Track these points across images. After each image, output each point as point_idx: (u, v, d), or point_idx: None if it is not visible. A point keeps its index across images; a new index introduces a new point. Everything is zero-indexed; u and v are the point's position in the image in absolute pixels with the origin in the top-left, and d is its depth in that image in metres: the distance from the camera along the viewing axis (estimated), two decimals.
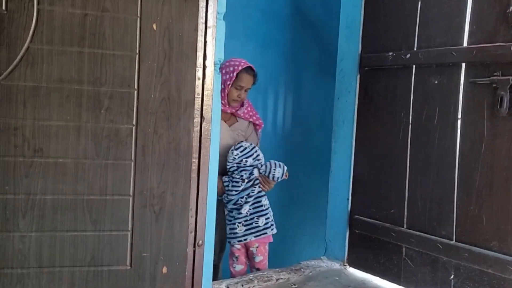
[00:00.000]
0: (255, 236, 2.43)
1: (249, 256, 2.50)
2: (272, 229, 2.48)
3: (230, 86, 2.47)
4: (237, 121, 2.65)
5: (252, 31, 3.31)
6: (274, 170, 2.44)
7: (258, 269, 2.47)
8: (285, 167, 2.49)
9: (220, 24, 1.92)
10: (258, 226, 2.44)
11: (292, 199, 3.35)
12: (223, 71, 2.50)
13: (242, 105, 2.63)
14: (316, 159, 3.10)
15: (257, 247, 2.46)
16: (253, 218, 2.44)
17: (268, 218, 2.48)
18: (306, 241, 3.31)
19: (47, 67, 1.67)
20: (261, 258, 2.47)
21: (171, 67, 1.78)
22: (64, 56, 1.68)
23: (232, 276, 2.47)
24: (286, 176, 2.52)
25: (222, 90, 2.48)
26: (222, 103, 2.50)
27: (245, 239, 2.44)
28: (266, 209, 2.49)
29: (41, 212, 1.70)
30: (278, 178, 2.46)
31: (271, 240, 2.52)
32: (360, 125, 2.54)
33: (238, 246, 2.48)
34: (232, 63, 2.50)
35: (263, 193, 2.51)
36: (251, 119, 2.67)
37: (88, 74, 1.71)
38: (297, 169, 3.35)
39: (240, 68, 2.47)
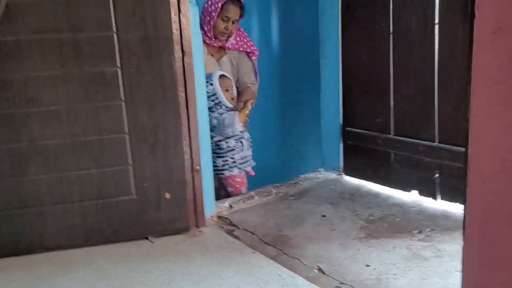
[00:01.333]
0: (215, 174, 2.48)
1: None
2: (230, 170, 2.52)
3: (216, 18, 2.43)
4: (226, 53, 2.63)
5: None
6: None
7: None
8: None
9: None
10: (217, 166, 2.50)
11: (288, 116, 3.45)
12: (209, 3, 2.44)
13: (229, 37, 2.60)
14: (310, 75, 3.14)
15: (225, 179, 2.57)
16: (213, 157, 2.48)
17: (226, 160, 2.51)
18: (306, 155, 3.46)
19: (23, 19, 1.72)
20: (232, 189, 2.59)
21: (145, 6, 1.82)
22: (38, 6, 1.73)
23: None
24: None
25: (208, 23, 2.44)
26: (208, 35, 2.50)
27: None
28: (224, 152, 2.51)
29: (45, 156, 1.85)
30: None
31: (237, 179, 2.56)
32: (345, 39, 2.56)
33: None
34: None
35: (222, 137, 2.51)
36: (241, 48, 2.63)
37: (64, 21, 1.76)
38: (291, 87, 3.42)
39: None
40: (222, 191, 2.63)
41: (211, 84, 2.42)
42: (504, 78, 0.71)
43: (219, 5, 2.40)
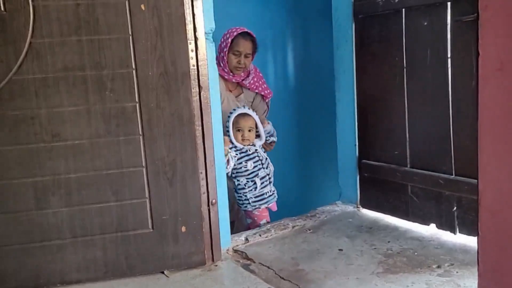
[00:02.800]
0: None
1: None
2: (245, 207, 2.57)
3: (227, 53, 2.51)
4: (243, 91, 2.68)
5: None
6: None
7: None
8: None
9: None
10: (235, 199, 2.59)
11: (305, 149, 3.47)
12: (222, 40, 2.54)
13: (248, 75, 2.64)
14: (326, 108, 3.17)
15: (244, 212, 2.66)
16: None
17: (240, 196, 2.56)
18: (323, 188, 3.45)
19: (51, 58, 1.82)
20: (250, 221, 2.64)
21: (164, 43, 1.90)
22: (64, 46, 1.82)
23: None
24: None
25: (222, 59, 2.52)
26: (225, 71, 2.57)
27: None
28: (238, 189, 2.56)
29: (68, 189, 1.90)
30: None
31: (255, 212, 2.60)
32: (359, 73, 2.60)
33: None
34: (229, 30, 2.54)
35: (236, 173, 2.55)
36: (257, 90, 2.69)
37: (89, 60, 1.85)
38: (307, 120, 3.46)
39: (235, 33, 2.49)
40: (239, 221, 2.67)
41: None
42: (508, 113, 0.73)
43: (229, 40, 2.48)
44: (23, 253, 1.90)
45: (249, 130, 2.49)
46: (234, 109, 2.49)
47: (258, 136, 2.58)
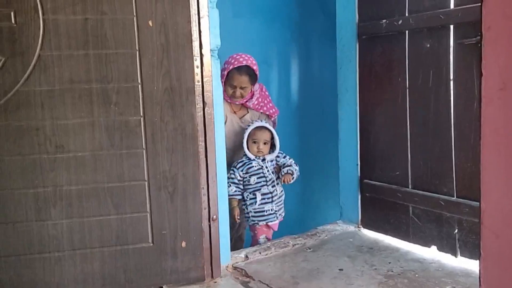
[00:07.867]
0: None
1: None
2: (246, 220, 2.62)
3: (224, 84, 2.48)
4: (248, 112, 2.68)
5: (258, 7, 3.36)
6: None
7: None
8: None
9: (213, 12, 2.03)
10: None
11: (307, 168, 3.47)
12: (221, 68, 2.49)
13: (252, 96, 2.63)
14: (329, 127, 3.18)
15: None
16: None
17: (243, 209, 2.59)
18: (324, 207, 3.44)
19: (58, 71, 1.84)
20: (252, 234, 2.67)
21: (170, 59, 1.92)
22: (72, 59, 1.85)
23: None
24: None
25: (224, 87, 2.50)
26: (225, 97, 2.57)
27: None
28: (243, 201, 2.60)
29: (69, 201, 1.90)
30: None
31: (257, 226, 2.61)
32: (362, 92, 2.62)
33: None
34: (229, 60, 2.51)
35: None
36: (261, 110, 2.69)
37: (95, 73, 1.87)
38: (310, 139, 3.47)
39: (231, 67, 2.47)
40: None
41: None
42: (511, 133, 0.74)
43: (225, 72, 2.47)
44: (21, 264, 1.89)
45: (264, 143, 2.52)
46: (252, 122, 2.54)
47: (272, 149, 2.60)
